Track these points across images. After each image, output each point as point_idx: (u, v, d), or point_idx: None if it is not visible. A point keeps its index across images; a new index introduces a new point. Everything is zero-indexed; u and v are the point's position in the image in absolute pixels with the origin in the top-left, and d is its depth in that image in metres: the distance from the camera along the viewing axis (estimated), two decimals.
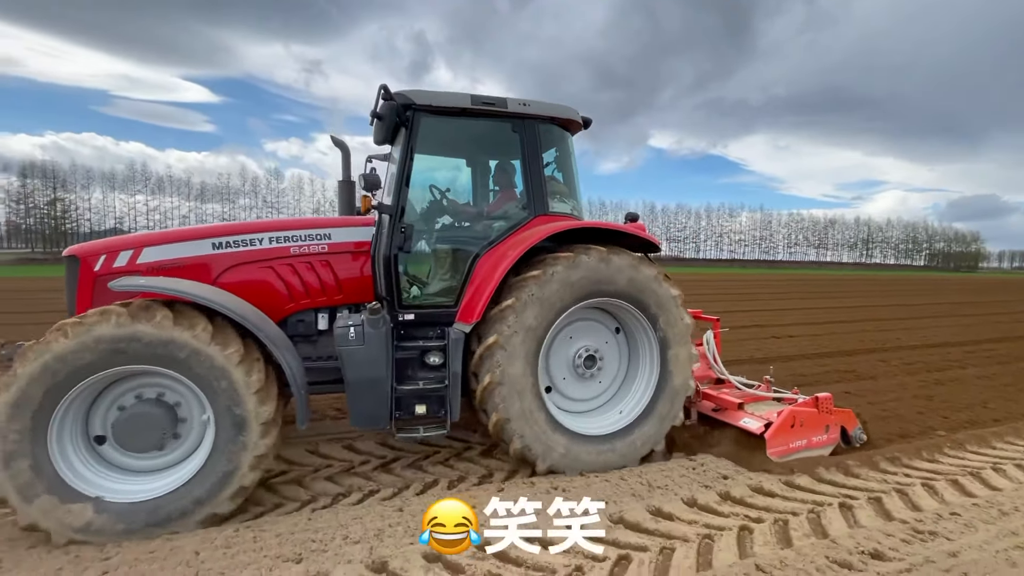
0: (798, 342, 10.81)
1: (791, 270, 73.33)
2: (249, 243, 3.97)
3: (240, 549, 2.92)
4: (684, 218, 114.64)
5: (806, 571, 2.80)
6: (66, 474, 3.01)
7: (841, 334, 12.07)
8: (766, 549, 3.04)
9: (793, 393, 4.91)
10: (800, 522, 3.32)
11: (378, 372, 3.74)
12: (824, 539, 3.15)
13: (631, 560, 2.91)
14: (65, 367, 2.90)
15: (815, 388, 6.68)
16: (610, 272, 4.04)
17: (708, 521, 3.36)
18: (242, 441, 3.21)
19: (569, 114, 4.48)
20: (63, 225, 74.01)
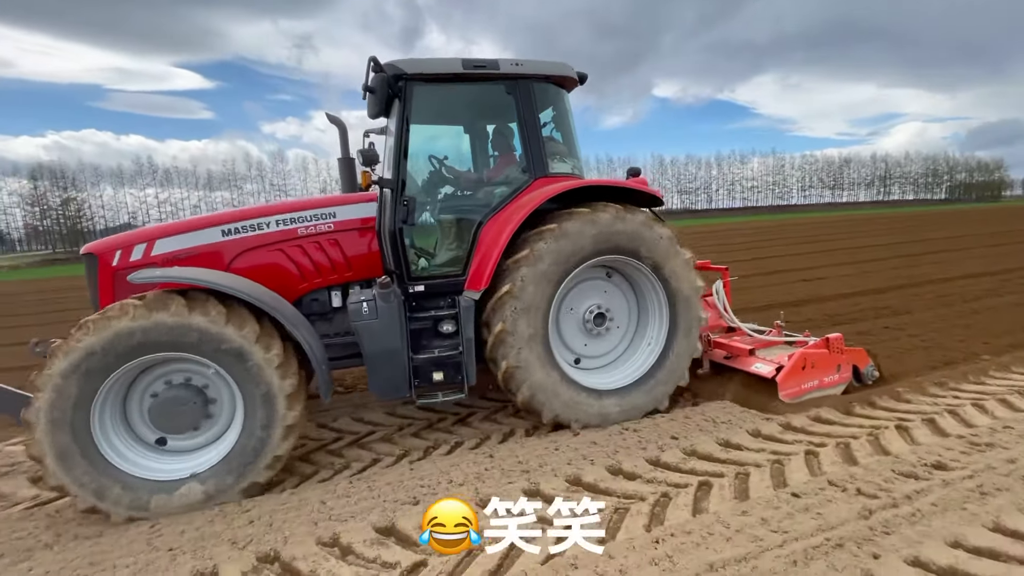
0: (828, 283, 10.76)
1: (807, 213, 71.70)
2: (257, 227, 4.04)
3: (359, 497, 3.27)
4: (694, 168, 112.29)
5: (875, 483, 3.03)
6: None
7: (871, 272, 11.95)
8: (835, 468, 3.27)
9: (804, 336, 4.94)
10: (861, 444, 3.56)
11: (394, 343, 3.85)
12: (887, 456, 3.38)
13: (711, 485, 3.19)
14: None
15: (852, 326, 7.01)
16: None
17: (775, 448, 3.62)
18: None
19: (563, 71, 4.40)
20: (79, 224, 75.33)
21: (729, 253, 18.69)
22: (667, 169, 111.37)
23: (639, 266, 4.26)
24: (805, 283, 11.03)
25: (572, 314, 4.37)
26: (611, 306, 4.42)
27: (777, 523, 2.71)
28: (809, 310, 8.29)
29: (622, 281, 4.53)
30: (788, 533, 2.62)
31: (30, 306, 15.64)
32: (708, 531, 2.69)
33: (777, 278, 11.96)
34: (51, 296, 18.04)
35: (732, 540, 2.60)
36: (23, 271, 37.16)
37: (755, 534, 2.63)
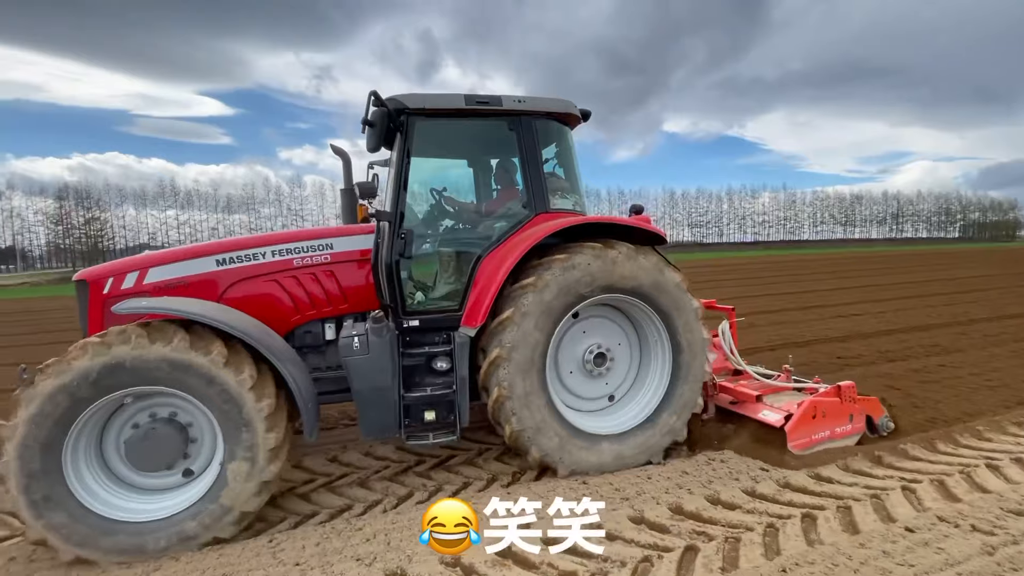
0: (866, 320, 10.60)
1: (819, 249, 71.29)
2: (252, 258, 3.99)
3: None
4: (705, 202, 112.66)
5: (988, 520, 3.04)
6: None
7: (908, 310, 11.79)
8: (938, 504, 3.27)
9: (814, 382, 4.74)
10: (956, 481, 3.56)
11: (384, 381, 3.72)
12: (988, 493, 3.38)
13: (815, 517, 3.19)
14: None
15: (906, 363, 6.90)
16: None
17: (868, 483, 3.63)
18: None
19: (566, 107, 4.38)
20: (100, 243, 77.28)
21: (757, 287, 18.59)
22: (678, 202, 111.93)
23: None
24: (843, 319, 10.85)
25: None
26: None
27: (901, 556, 2.73)
28: (856, 346, 8.17)
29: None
30: (915, 567, 2.64)
31: (57, 323, 15.76)
32: (832, 562, 2.71)
33: (814, 313, 11.86)
34: (68, 313, 18.21)
35: (860, 572, 2.63)
36: (44, 288, 37.81)
37: (881, 567, 2.66)
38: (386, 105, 3.72)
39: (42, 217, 78.20)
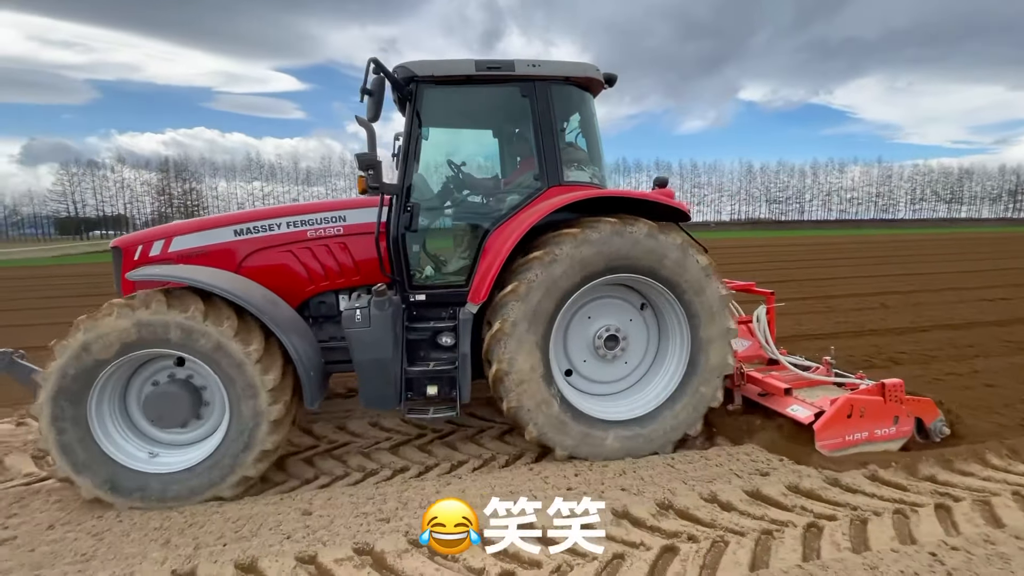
0: (970, 307, 9.70)
1: (918, 229, 64.71)
2: (268, 228, 4.08)
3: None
4: (786, 177, 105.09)
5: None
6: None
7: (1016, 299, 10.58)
8: (976, 528, 2.86)
9: (857, 377, 4.27)
10: (1006, 501, 3.12)
11: (384, 353, 3.73)
12: None
13: (821, 528, 2.91)
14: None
15: (986, 361, 6.15)
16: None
17: (894, 495, 3.26)
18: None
19: (587, 72, 4.09)
20: (196, 212, 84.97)
21: (830, 268, 17.23)
22: (755, 176, 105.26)
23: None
24: (942, 305, 9.96)
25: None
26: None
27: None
28: (952, 335, 7.50)
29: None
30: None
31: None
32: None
33: (919, 297, 11.03)
34: None
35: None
36: None
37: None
38: (387, 72, 3.61)
39: (148, 188, 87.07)
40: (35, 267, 28.47)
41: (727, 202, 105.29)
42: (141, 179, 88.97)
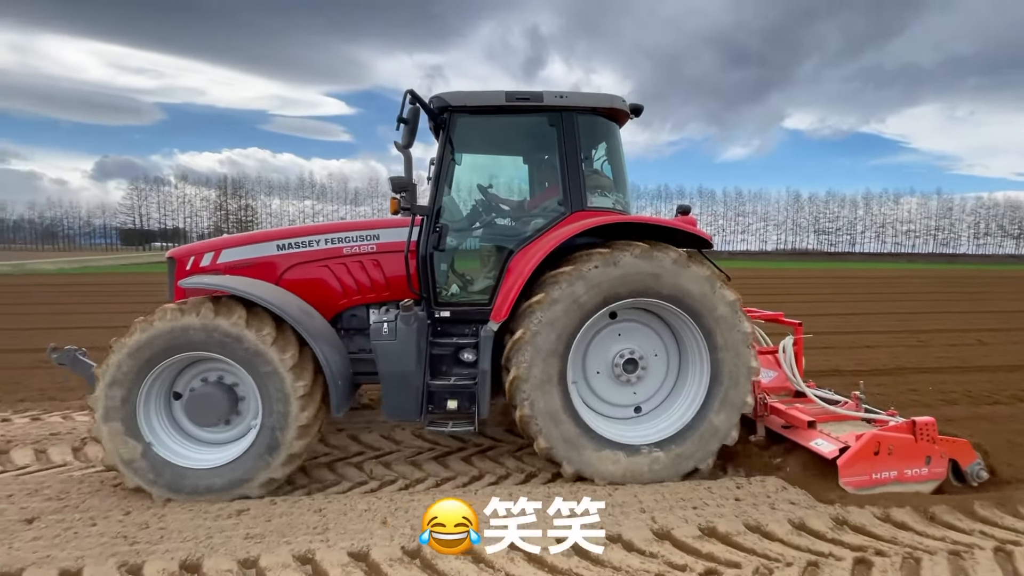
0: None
1: (982, 266, 61.04)
2: (308, 244, 4.36)
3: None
4: (836, 207, 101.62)
5: None
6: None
7: None
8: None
9: (888, 414, 4.13)
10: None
11: (408, 366, 3.88)
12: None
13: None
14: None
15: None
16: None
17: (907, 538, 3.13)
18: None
19: (613, 103, 4.23)
20: (250, 227, 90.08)
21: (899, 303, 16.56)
22: (803, 206, 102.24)
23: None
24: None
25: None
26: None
27: None
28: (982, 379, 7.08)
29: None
30: None
31: None
32: None
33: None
34: None
35: None
36: None
37: None
38: (422, 103, 3.86)
39: (206, 203, 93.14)
40: (106, 274, 30.53)
41: (772, 231, 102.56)
42: (200, 195, 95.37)
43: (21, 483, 3.86)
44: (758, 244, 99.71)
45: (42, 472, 4.14)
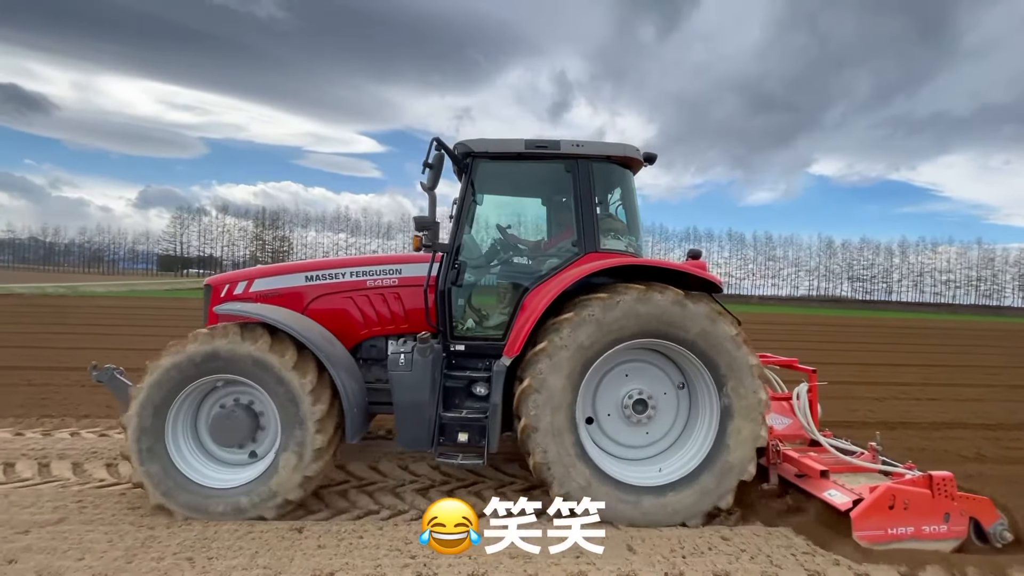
0: None
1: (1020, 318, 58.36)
2: (333, 276, 4.61)
3: None
4: (870, 254, 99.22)
5: None
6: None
7: None
8: None
9: (906, 467, 4.02)
10: None
11: (422, 397, 4.01)
12: None
13: None
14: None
15: None
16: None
17: None
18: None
19: (627, 152, 4.43)
20: (285, 257, 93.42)
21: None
22: (836, 252, 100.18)
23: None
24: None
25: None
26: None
27: None
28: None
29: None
30: None
31: None
32: None
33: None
34: None
35: None
36: None
37: None
38: (447, 149, 4.13)
39: (243, 233, 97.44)
40: (150, 298, 31.82)
41: (804, 277, 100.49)
42: (239, 225, 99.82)
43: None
44: (788, 290, 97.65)
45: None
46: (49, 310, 21.24)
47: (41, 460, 4.81)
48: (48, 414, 6.44)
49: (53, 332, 14.39)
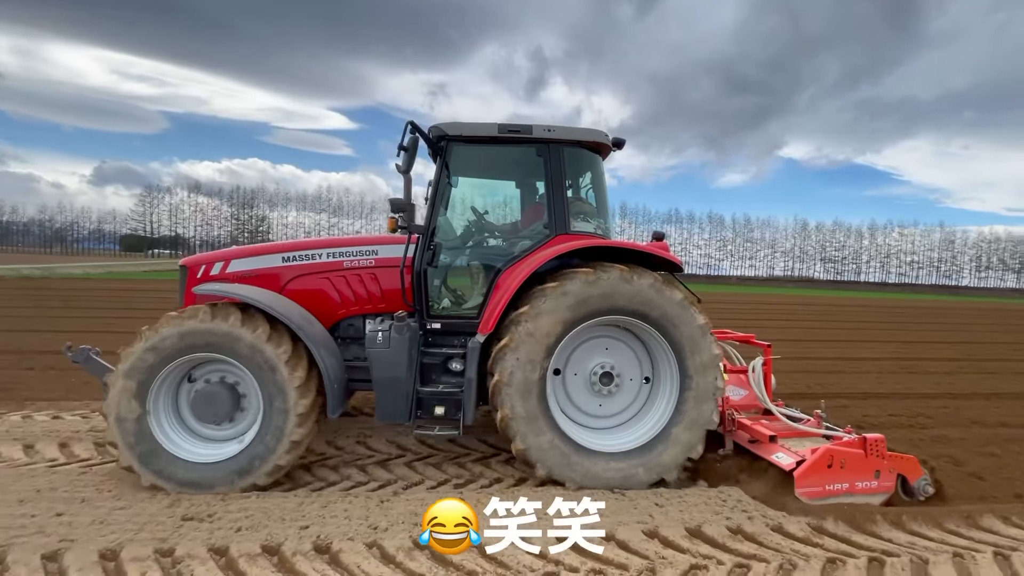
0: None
1: (983, 298, 61.10)
2: (310, 257, 4.71)
3: None
4: (842, 236, 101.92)
5: None
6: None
7: None
8: None
9: (845, 432, 4.40)
10: (941, 562, 3.21)
11: (399, 372, 4.20)
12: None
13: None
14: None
15: (995, 431, 6.03)
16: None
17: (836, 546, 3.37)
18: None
19: (597, 137, 4.61)
20: (260, 237, 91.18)
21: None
22: (810, 234, 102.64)
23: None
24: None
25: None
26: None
27: None
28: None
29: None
30: None
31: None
32: None
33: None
34: None
35: None
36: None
37: None
38: (422, 132, 4.24)
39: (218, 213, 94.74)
40: (134, 280, 30.77)
41: (780, 259, 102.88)
42: (212, 205, 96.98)
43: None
44: (765, 270, 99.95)
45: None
46: (46, 293, 20.23)
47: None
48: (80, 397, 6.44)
49: (68, 316, 13.79)
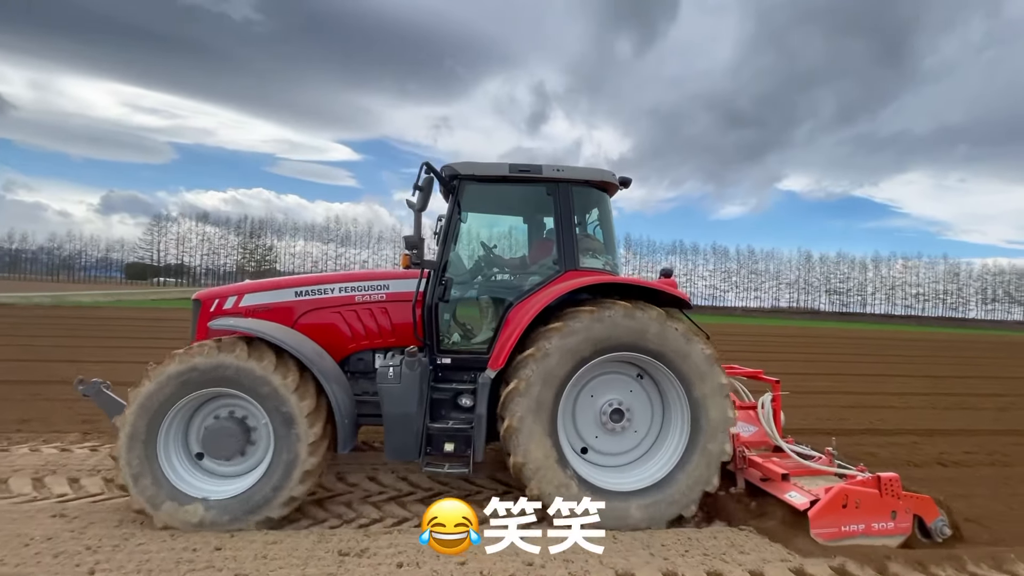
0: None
1: (991, 331, 60.55)
2: (322, 292, 4.78)
3: None
4: (847, 268, 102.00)
5: None
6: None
7: None
8: None
9: (858, 470, 4.35)
10: None
11: (409, 408, 4.20)
12: None
13: None
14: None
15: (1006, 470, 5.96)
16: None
17: None
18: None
19: (604, 176, 4.73)
20: (266, 267, 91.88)
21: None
22: (815, 266, 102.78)
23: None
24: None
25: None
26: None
27: None
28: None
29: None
30: None
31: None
32: None
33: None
34: None
35: None
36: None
37: None
38: (436, 172, 4.37)
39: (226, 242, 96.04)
40: (145, 309, 30.89)
41: (785, 290, 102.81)
42: (220, 235, 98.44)
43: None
44: (770, 301, 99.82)
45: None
46: (57, 321, 20.35)
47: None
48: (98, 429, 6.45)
49: (81, 345, 13.79)
